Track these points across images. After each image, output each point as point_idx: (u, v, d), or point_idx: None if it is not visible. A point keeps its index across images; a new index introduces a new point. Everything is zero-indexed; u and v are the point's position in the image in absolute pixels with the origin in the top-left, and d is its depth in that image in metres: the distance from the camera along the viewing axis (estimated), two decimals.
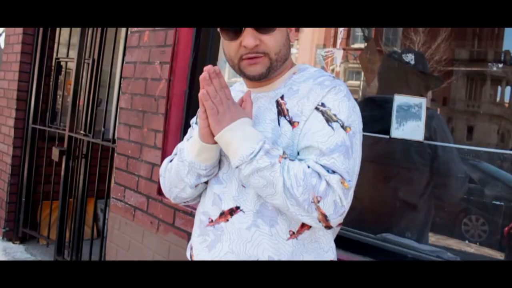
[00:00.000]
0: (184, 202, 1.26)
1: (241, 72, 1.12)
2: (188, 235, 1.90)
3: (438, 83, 2.17)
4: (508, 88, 1.99)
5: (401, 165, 1.88)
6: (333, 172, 0.97)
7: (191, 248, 1.21)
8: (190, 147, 1.11)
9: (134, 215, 2.24)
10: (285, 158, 1.00)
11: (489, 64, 2.02)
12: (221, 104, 1.02)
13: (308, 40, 3.13)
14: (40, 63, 3.56)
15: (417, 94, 1.85)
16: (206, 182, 1.17)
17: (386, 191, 1.92)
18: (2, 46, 4.54)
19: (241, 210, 1.08)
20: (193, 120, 1.30)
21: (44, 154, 3.49)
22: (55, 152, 3.14)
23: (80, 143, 3.03)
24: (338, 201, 0.97)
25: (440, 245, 1.99)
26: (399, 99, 1.81)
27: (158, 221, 2.08)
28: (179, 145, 1.23)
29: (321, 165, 0.98)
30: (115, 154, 2.42)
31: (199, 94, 1.01)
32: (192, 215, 1.88)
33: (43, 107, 3.60)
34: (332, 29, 3.23)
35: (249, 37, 1.04)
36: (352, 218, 1.74)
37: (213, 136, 1.04)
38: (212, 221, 1.13)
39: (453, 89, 2.17)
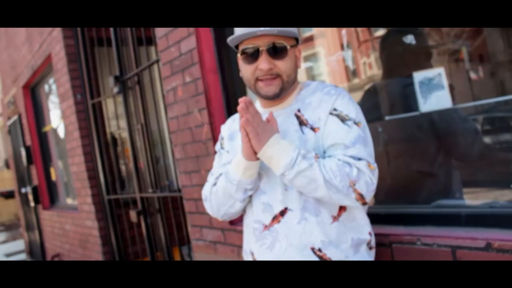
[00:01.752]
0: (230, 218, 1.47)
1: (257, 92, 1.34)
2: None
3: (455, 44, 2.16)
4: None
5: (415, 140, 1.93)
6: (359, 159, 1.18)
7: (252, 253, 1.39)
8: (235, 168, 1.31)
9: (215, 249, 2.46)
10: (319, 157, 1.20)
11: None
12: (258, 127, 1.22)
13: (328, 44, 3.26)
14: (98, 141, 3.95)
15: (419, 68, 1.92)
16: (250, 196, 1.38)
17: (403, 166, 1.95)
18: (62, 136, 5.05)
19: (289, 209, 1.29)
20: (217, 147, 1.52)
21: (124, 219, 3.84)
22: (133, 215, 3.46)
23: (151, 201, 3.33)
24: (369, 181, 1.19)
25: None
26: (418, 76, 1.91)
27: (238, 248, 2.28)
28: (213, 171, 1.47)
29: (349, 156, 1.19)
30: (184, 201, 2.67)
31: (241, 122, 1.21)
32: None
33: (111, 179, 3.98)
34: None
35: (264, 61, 1.26)
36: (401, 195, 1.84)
37: (255, 154, 1.25)
38: (266, 226, 1.33)
39: (489, 43, 2.14)
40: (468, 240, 1.36)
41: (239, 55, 1.33)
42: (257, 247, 1.36)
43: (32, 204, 5.86)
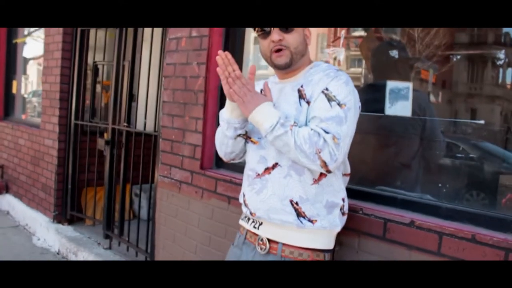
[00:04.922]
0: (230, 158, 1.75)
1: (273, 64, 1.61)
2: (229, 199, 2.41)
3: (424, 64, 2.46)
4: (509, 70, 2.02)
5: (398, 135, 2.24)
6: (327, 133, 1.42)
7: (244, 195, 1.69)
8: (225, 109, 1.62)
9: (180, 188, 2.75)
10: (295, 125, 1.46)
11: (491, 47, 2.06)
12: (245, 96, 1.50)
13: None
14: (79, 67, 4.06)
15: (405, 78, 2.27)
16: (244, 138, 1.65)
17: (387, 156, 2.28)
18: (37, 53, 5.03)
19: (279, 165, 1.56)
20: None
21: (86, 146, 3.99)
22: (101, 142, 3.65)
23: (123, 134, 3.52)
24: (332, 152, 1.40)
25: None
26: (391, 84, 2.25)
27: (202, 190, 2.59)
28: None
29: (320, 128, 1.43)
30: (160, 140, 2.92)
31: (229, 93, 1.51)
32: (232, 182, 2.39)
33: (83, 106, 4.10)
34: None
35: (275, 34, 1.55)
36: (362, 177, 2.20)
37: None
38: (258, 174, 1.61)
39: (455, 72, 2.24)
40: (397, 216, 1.76)
41: (256, 33, 1.60)
42: (248, 190, 1.65)
43: None
